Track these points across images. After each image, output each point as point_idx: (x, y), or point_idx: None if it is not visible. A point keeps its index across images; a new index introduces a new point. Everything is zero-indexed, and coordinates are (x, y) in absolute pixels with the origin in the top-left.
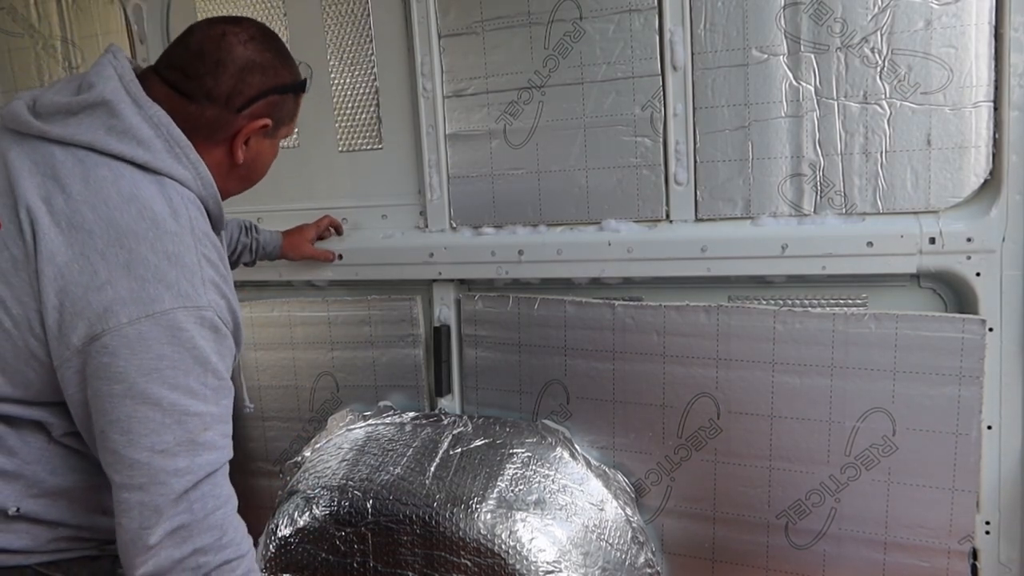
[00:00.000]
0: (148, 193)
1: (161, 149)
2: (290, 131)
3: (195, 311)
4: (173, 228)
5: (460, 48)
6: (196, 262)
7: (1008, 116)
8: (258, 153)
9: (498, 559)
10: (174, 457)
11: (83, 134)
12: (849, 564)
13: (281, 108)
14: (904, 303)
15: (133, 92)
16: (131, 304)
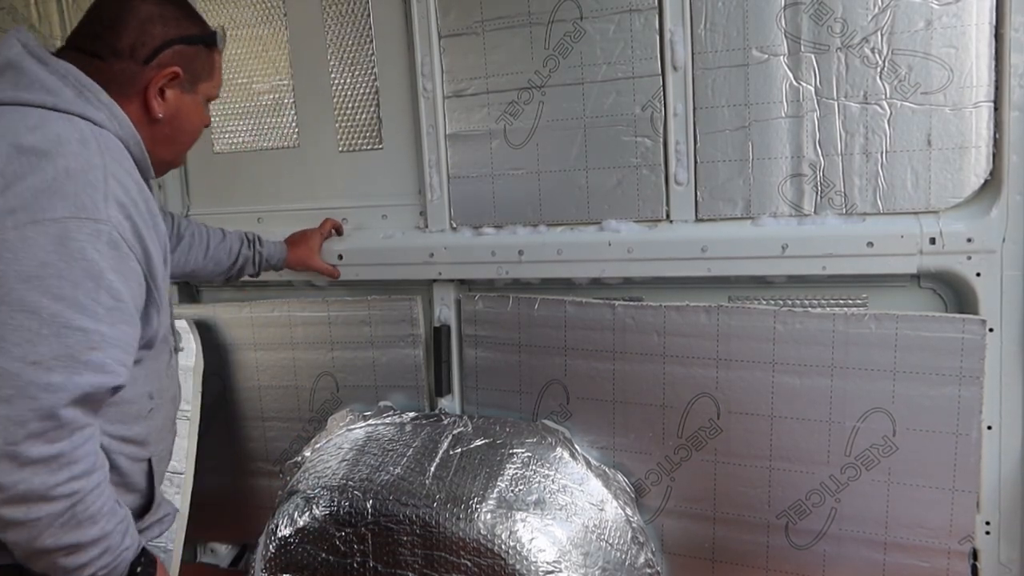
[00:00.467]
0: (56, 123)
1: (71, 95)
2: (211, 89)
3: (91, 223)
4: (77, 149)
5: (460, 48)
6: (101, 179)
7: (1008, 116)
8: (178, 109)
9: (498, 559)
10: (48, 371)
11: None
12: (849, 564)
13: (194, 61)
14: (904, 303)
15: (37, 53)
16: (20, 212)
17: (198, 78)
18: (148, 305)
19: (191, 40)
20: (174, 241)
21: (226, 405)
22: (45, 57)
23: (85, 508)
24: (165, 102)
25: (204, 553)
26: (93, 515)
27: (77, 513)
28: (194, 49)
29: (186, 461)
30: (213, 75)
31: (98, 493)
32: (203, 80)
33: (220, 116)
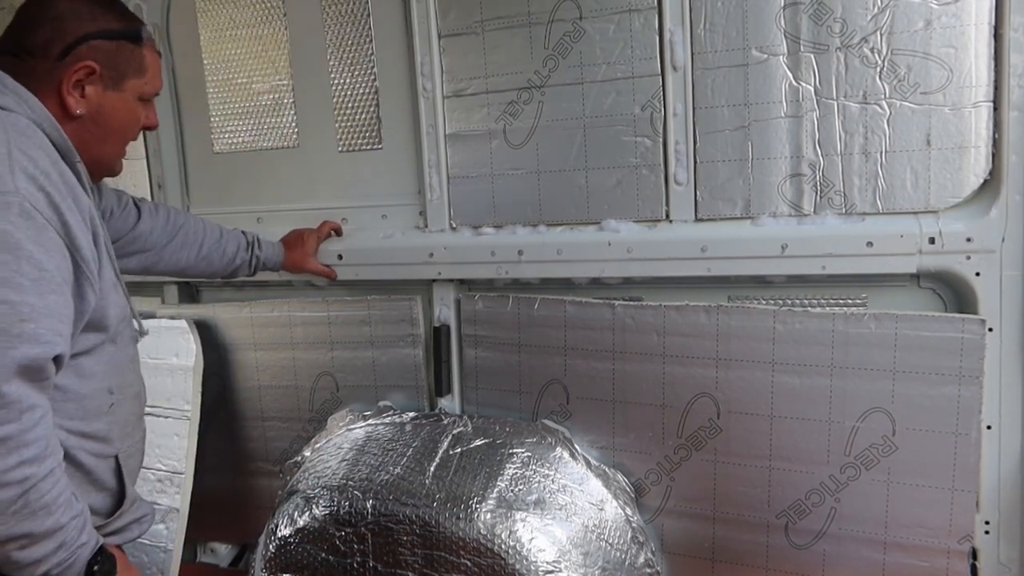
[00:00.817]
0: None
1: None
2: (144, 87)
3: None
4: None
5: (460, 48)
6: (4, 153)
7: (1008, 116)
8: (100, 106)
9: (498, 559)
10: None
11: None
12: (849, 564)
13: (116, 56)
14: (904, 303)
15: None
16: None
17: (123, 75)
18: (79, 280)
19: (110, 35)
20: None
21: (226, 405)
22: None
23: (39, 496)
24: (85, 99)
25: (204, 553)
26: (47, 504)
27: (30, 501)
28: (115, 44)
29: (186, 461)
30: (144, 72)
31: (52, 481)
32: (131, 77)
33: (220, 116)
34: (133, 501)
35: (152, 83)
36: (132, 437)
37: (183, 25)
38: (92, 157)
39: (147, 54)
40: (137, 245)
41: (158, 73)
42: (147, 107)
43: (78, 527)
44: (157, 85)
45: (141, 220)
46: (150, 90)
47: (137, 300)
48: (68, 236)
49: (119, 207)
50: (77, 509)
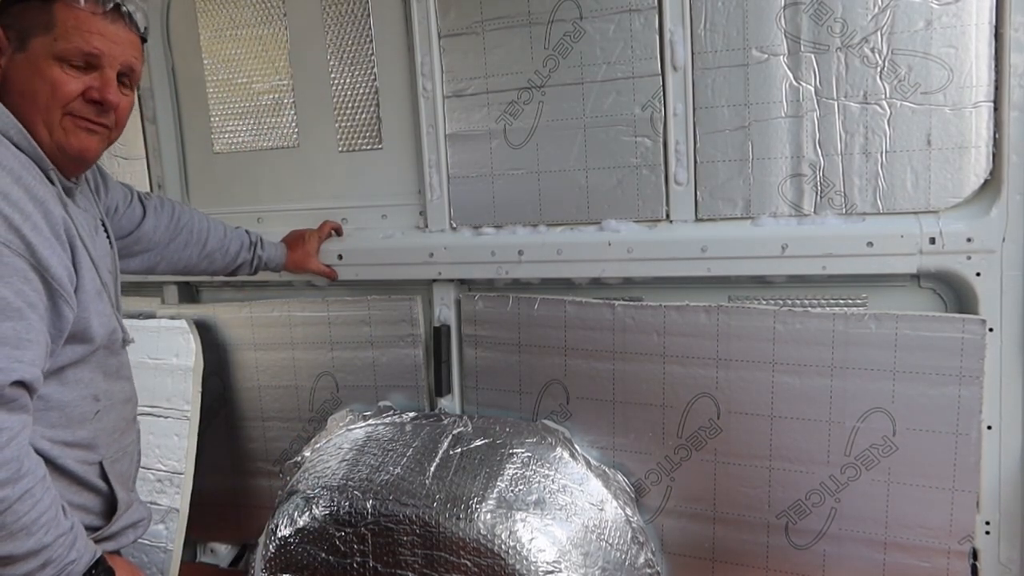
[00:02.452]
0: None
1: None
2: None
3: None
4: None
5: (460, 48)
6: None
7: (1008, 116)
8: (10, 71)
9: (498, 559)
10: None
11: None
12: (849, 564)
13: (20, 17)
14: (904, 303)
15: None
16: None
17: (27, 34)
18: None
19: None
20: (168, 233)
21: (226, 405)
22: None
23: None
24: (2, 68)
25: (204, 553)
26: (26, 526)
27: (6, 524)
28: (21, 5)
29: (186, 461)
30: (51, 28)
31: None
32: (34, 36)
33: (220, 116)
34: (128, 505)
35: (67, 39)
36: (120, 442)
37: (183, 25)
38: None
39: (60, 11)
40: (141, 245)
41: (84, 31)
42: (88, 76)
43: (66, 544)
44: (78, 43)
45: (146, 218)
46: (64, 46)
47: (137, 300)
48: (34, 257)
49: (124, 204)
50: (64, 527)
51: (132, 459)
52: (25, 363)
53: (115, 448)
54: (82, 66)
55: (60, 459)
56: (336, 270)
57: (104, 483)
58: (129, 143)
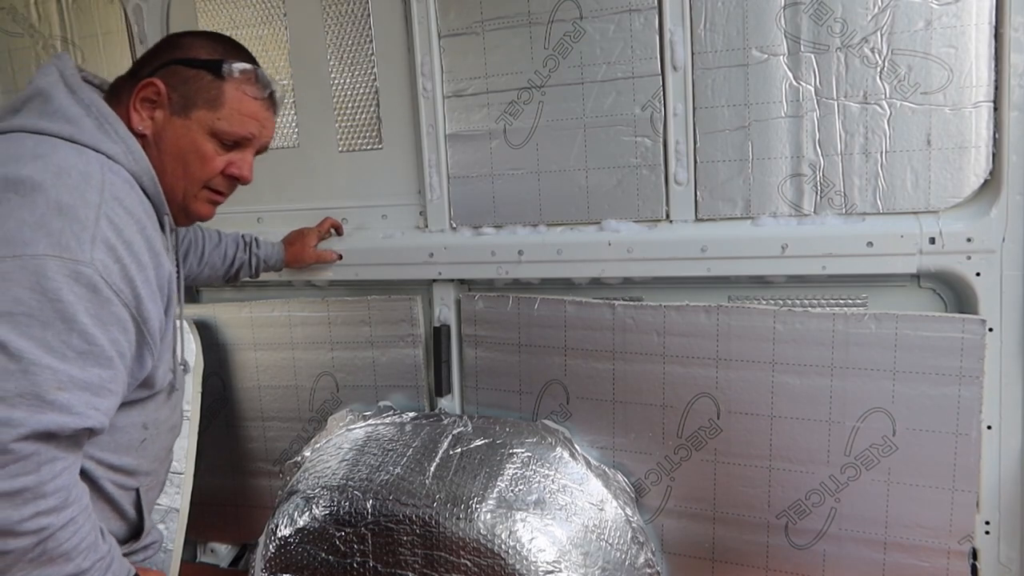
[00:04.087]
0: (63, 154)
1: (91, 126)
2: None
3: (71, 263)
4: (75, 183)
5: (460, 48)
6: (92, 218)
7: (1008, 116)
8: (163, 129)
9: (498, 559)
10: (11, 407)
11: (17, 122)
12: (849, 564)
13: (188, 82)
14: (904, 303)
15: (70, 82)
16: (2, 243)
17: (192, 103)
18: (141, 348)
19: (191, 63)
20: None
21: (226, 405)
22: (75, 85)
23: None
24: (153, 121)
25: (204, 553)
26: (67, 552)
27: (48, 549)
28: (193, 72)
29: (186, 461)
30: (217, 106)
31: (72, 529)
32: (199, 107)
33: None
34: (148, 531)
35: (229, 121)
36: (158, 471)
37: (183, 25)
38: (167, 191)
39: (229, 91)
40: None
41: (246, 115)
42: (231, 152)
43: (102, 568)
44: (238, 128)
45: None
46: (225, 128)
47: None
48: (138, 309)
49: None
50: (102, 551)
51: (160, 487)
52: (100, 411)
53: (152, 477)
54: (230, 145)
55: (100, 480)
56: (337, 253)
57: (135, 511)
58: None
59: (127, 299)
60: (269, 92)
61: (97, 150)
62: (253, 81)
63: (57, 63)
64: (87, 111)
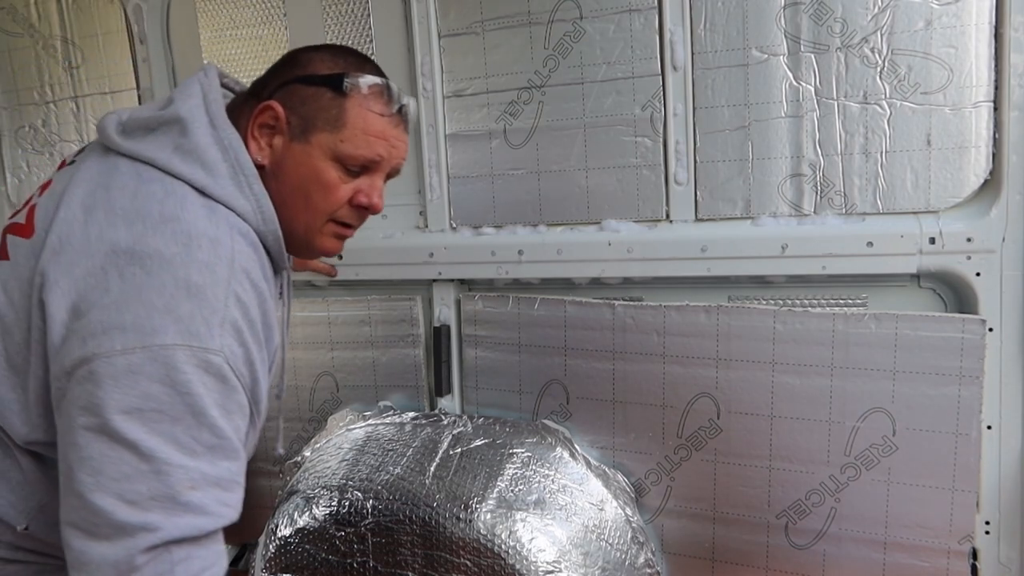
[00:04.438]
0: (193, 216)
1: (224, 174)
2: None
3: (200, 352)
4: (206, 256)
5: (460, 48)
6: (222, 299)
7: (1008, 116)
8: (283, 158)
9: (498, 559)
10: (145, 512)
11: (151, 151)
12: (849, 564)
13: (307, 103)
14: (904, 303)
15: (212, 111)
16: (130, 331)
17: (311, 125)
18: (249, 425)
19: (310, 80)
20: None
21: None
22: (217, 117)
23: None
24: (272, 149)
25: None
26: None
27: None
28: (312, 90)
29: None
30: (339, 127)
31: None
32: (319, 129)
33: None
34: None
35: (353, 143)
36: None
37: (183, 25)
38: (288, 228)
39: (352, 108)
40: None
41: (372, 136)
42: (358, 178)
43: None
44: (364, 151)
45: None
46: (349, 151)
47: None
48: (253, 392)
49: None
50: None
51: None
52: (231, 507)
53: None
54: (357, 171)
55: None
56: (336, 268)
57: None
58: None
59: (247, 384)
60: (398, 107)
61: (227, 206)
62: (379, 96)
63: (203, 81)
64: (224, 154)
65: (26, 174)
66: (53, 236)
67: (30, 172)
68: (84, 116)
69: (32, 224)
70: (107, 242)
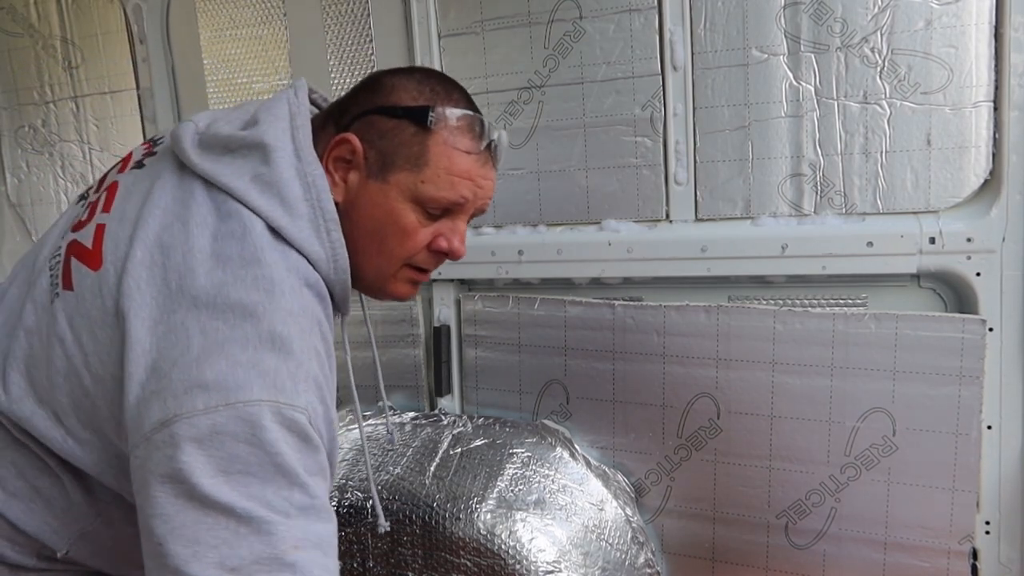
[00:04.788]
0: (272, 259)
1: (304, 215)
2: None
3: (287, 409)
4: (288, 305)
5: (460, 48)
6: (303, 352)
7: (1008, 116)
8: (357, 196)
9: (498, 559)
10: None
11: (228, 177)
12: (849, 564)
13: (389, 138)
14: (904, 303)
15: (298, 140)
16: (213, 389)
17: (390, 162)
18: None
19: (391, 111)
20: None
21: None
22: (303, 147)
23: None
24: (347, 185)
25: None
26: None
27: None
28: (393, 123)
29: None
30: (420, 166)
31: None
32: (399, 168)
33: None
34: None
35: (435, 184)
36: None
37: (183, 25)
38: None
39: (435, 146)
40: None
41: (456, 176)
42: (439, 221)
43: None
44: (447, 193)
45: None
46: (430, 193)
47: None
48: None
49: None
50: None
51: None
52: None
53: None
54: (438, 214)
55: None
56: None
57: None
58: (129, 143)
59: (326, 444)
60: (487, 143)
61: (300, 251)
62: (467, 130)
63: (292, 102)
64: (306, 192)
65: (26, 174)
66: (129, 281)
67: (30, 172)
68: (84, 116)
69: (100, 254)
70: (188, 295)
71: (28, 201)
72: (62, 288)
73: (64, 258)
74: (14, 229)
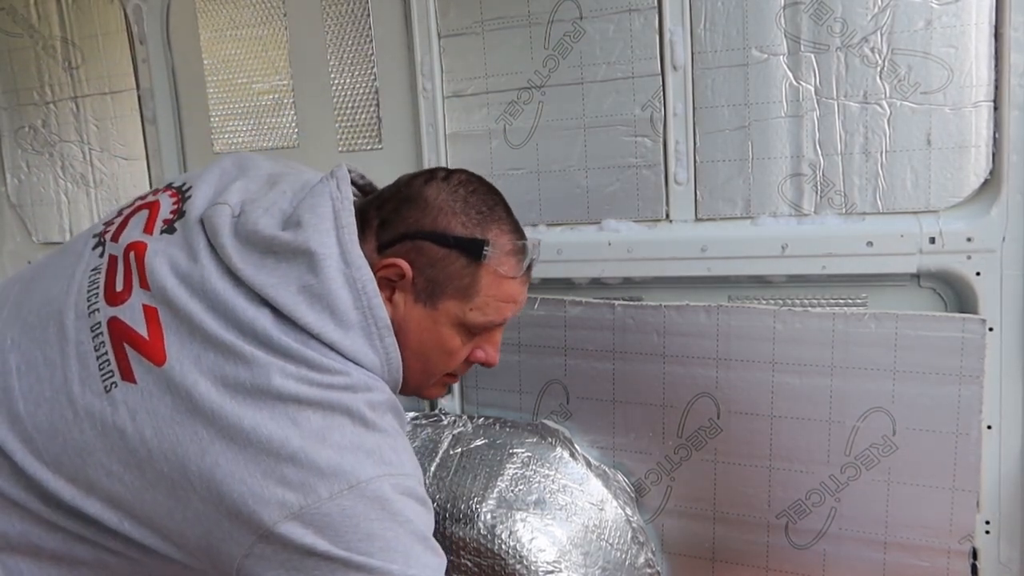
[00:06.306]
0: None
1: (356, 324)
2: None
3: (401, 478)
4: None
5: (460, 48)
6: (390, 427)
7: (1008, 116)
8: (406, 319)
9: (498, 559)
10: None
11: (274, 289)
12: (849, 564)
13: (439, 267)
14: (904, 303)
15: (344, 242)
16: (332, 477)
17: (441, 291)
18: None
19: (442, 240)
20: None
21: None
22: (349, 250)
23: None
24: (392, 305)
25: None
26: None
27: None
28: (443, 252)
29: None
30: (470, 296)
31: None
32: (449, 296)
33: (220, 116)
34: None
35: (483, 311)
36: None
37: (183, 25)
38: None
39: (486, 278)
40: None
41: (502, 301)
42: (475, 339)
43: None
44: (493, 317)
45: None
46: (477, 319)
47: None
48: None
49: None
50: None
51: None
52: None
53: None
54: (479, 332)
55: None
56: None
57: None
58: (129, 143)
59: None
60: (528, 263)
61: (356, 362)
62: (512, 256)
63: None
64: (355, 299)
65: (26, 174)
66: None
67: (30, 172)
68: (84, 116)
69: (163, 348)
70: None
71: (28, 201)
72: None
73: (110, 340)
74: (14, 229)
